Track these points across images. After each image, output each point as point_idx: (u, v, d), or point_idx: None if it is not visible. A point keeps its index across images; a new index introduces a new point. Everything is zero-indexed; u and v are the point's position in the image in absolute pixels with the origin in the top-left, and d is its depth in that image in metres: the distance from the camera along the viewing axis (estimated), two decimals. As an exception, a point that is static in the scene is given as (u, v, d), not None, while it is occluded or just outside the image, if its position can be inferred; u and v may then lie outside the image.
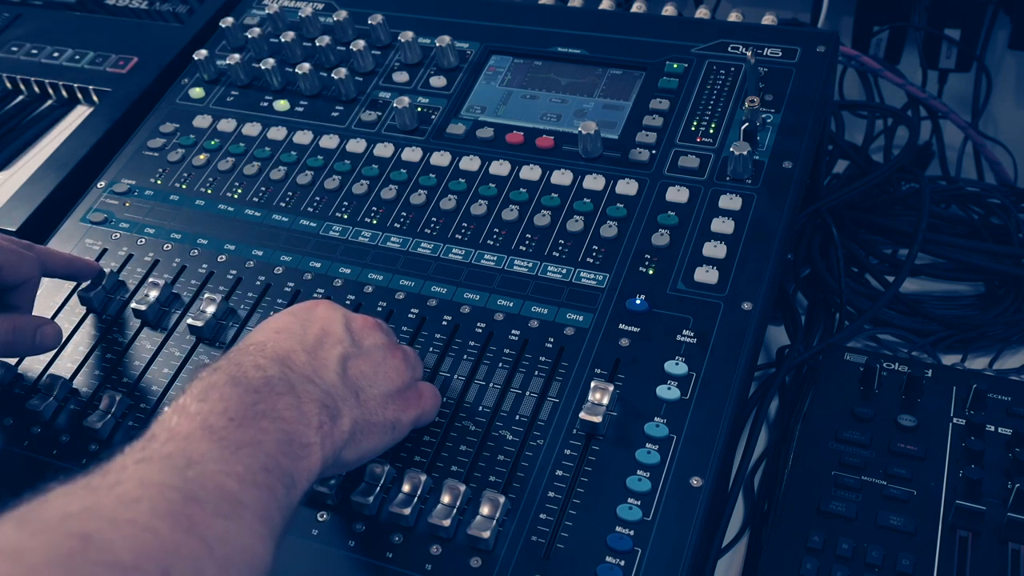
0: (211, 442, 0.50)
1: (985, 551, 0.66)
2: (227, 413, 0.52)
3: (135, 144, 0.97)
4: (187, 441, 0.50)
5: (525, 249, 0.80)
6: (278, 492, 0.51)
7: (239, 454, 0.50)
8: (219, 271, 0.84)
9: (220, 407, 0.52)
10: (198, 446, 0.50)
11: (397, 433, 0.64)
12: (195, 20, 1.13)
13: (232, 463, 0.50)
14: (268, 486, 0.50)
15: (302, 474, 0.54)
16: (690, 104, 0.87)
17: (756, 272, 0.75)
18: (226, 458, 0.50)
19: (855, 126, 1.20)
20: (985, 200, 1.06)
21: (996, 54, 1.21)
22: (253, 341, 0.60)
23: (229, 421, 0.52)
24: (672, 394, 0.69)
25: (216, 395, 0.53)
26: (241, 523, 0.48)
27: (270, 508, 0.50)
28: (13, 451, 0.75)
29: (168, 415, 0.53)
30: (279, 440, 0.53)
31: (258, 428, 0.52)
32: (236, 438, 0.51)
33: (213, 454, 0.50)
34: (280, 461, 0.52)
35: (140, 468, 0.48)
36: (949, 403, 0.76)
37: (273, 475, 0.51)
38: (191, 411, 0.52)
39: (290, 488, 0.52)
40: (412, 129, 0.91)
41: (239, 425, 0.52)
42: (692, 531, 0.63)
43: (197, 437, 0.50)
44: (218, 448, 0.50)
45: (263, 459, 0.51)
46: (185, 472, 0.48)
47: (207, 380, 0.55)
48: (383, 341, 0.65)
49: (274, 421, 0.53)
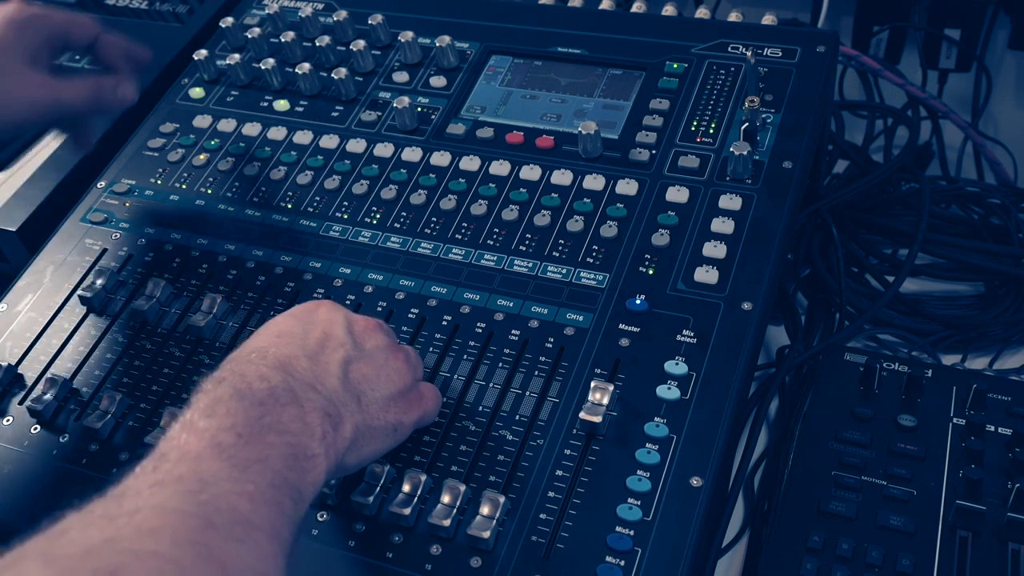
0: (221, 460, 0.51)
1: (985, 551, 0.66)
2: (235, 429, 0.52)
3: (135, 144, 0.97)
4: (198, 461, 0.50)
5: (525, 249, 0.80)
6: (286, 507, 0.51)
7: (248, 472, 0.51)
8: (219, 271, 0.84)
9: (228, 423, 0.53)
10: (209, 466, 0.50)
11: (399, 436, 0.64)
12: (195, 20, 1.13)
13: (243, 482, 0.50)
14: (277, 502, 0.51)
15: (308, 487, 0.54)
16: (690, 104, 0.87)
17: (756, 272, 0.75)
18: (236, 477, 0.50)
19: (855, 126, 1.20)
20: (985, 200, 1.06)
21: (996, 54, 1.20)
22: (255, 347, 0.60)
23: (237, 437, 0.52)
24: (672, 394, 0.69)
25: (223, 410, 0.53)
26: (255, 545, 0.48)
27: (279, 525, 0.50)
28: (13, 451, 0.75)
29: (176, 432, 0.53)
30: (285, 454, 0.53)
31: (265, 443, 0.53)
32: (245, 455, 0.51)
33: (224, 473, 0.50)
34: (287, 476, 0.52)
35: (155, 493, 0.48)
36: (949, 403, 0.76)
37: (281, 491, 0.51)
38: (199, 427, 0.52)
39: (297, 502, 0.53)
40: (412, 129, 0.91)
41: (247, 441, 0.52)
42: (692, 531, 0.63)
43: (207, 456, 0.51)
44: (228, 467, 0.50)
45: (270, 475, 0.51)
46: (199, 496, 0.48)
47: (212, 394, 0.55)
48: (385, 343, 0.65)
49: (280, 435, 0.54)
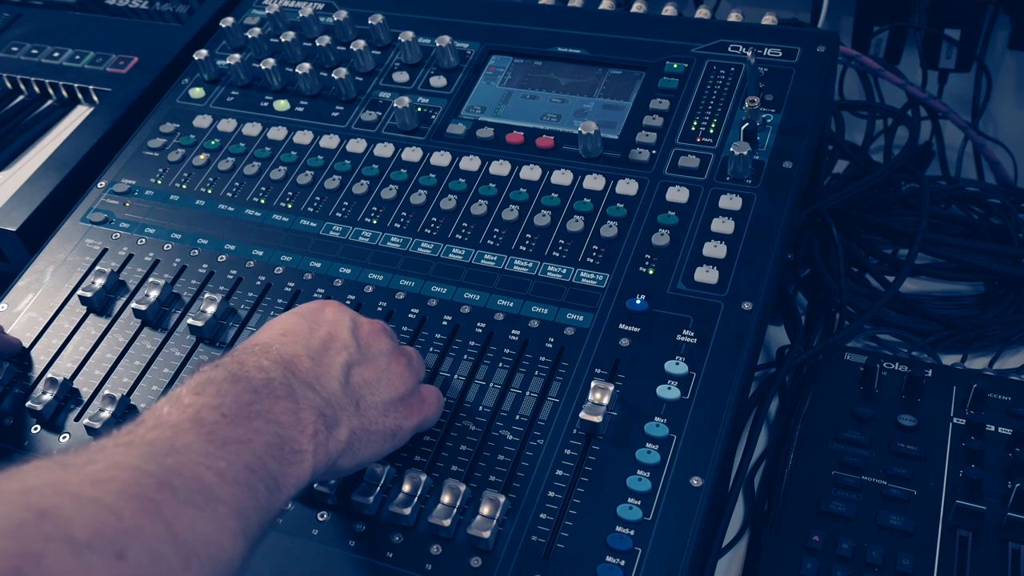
0: (198, 434, 0.50)
1: (985, 551, 0.66)
2: (220, 409, 0.52)
3: (135, 144, 0.97)
4: (174, 430, 0.50)
5: (525, 249, 0.80)
6: (259, 493, 0.50)
7: (224, 449, 0.50)
8: (219, 271, 0.84)
9: (215, 402, 0.52)
10: (184, 437, 0.49)
11: (398, 440, 0.63)
12: (195, 20, 1.13)
13: (215, 458, 0.49)
14: (249, 485, 0.50)
15: (289, 479, 0.53)
16: (690, 104, 0.87)
17: (756, 272, 0.75)
18: (210, 452, 0.49)
19: (855, 126, 1.20)
20: (985, 200, 1.06)
21: (996, 54, 1.21)
22: (259, 341, 0.60)
23: (221, 417, 0.51)
24: (672, 394, 0.69)
25: (213, 390, 0.53)
26: (213, 516, 0.47)
27: (247, 507, 0.49)
28: (13, 451, 0.75)
29: (161, 404, 0.52)
30: (269, 442, 0.52)
31: (250, 427, 0.52)
32: (225, 433, 0.51)
33: (197, 446, 0.49)
34: (267, 463, 0.52)
35: (118, 451, 0.47)
36: (949, 403, 0.77)
37: (257, 475, 0.51)
38: (184, 402, 0.52)
39: (273, 491, 0.51)
40: (412, 129, 0.91)
41: (230, 422, 0.51)
42: (692, 531, 0.63)
43: (185, 428, 0.50)
44: (204, 441, 0.50)
45: (248, 458, 0.51)
46: (164, 459, 0.47)
47: (207, 374, 0.55)
48: (388, 347, 0.65)
49: (268, 423, 0.53)
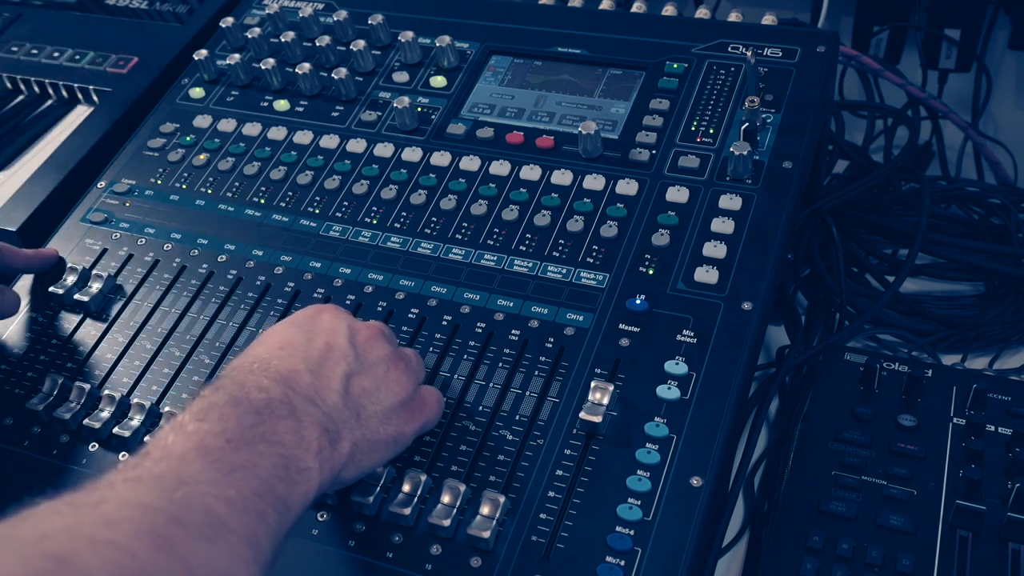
0: (204, 463, 0.49)
1: (985, 551, 0.66)
2: (224, 434, 0.51)
3: (135, 144, 0.97)
4: (180, 461, 0.49)
5: (525, 249, 0.80)
6: (269, 518, 0.50)
7: (232, 477, 0.49)
8: (219, 271, 0.84)
9: (218, 427, 0.52)
10: (190, 467, 0.49)
11: (400, 446, 0.63)
12: (195, 20, 1.13)
13: (224, 486, 0.49)
14: (259, 511, 0.50)
15: (297, 499, 0.53)
16: (690, 104, 0.87)
17: (756, 272, 0.75)
18: (218, 480, 0.49)
19: (855, 126, 1.20)
20: (985, 200, 1.06)
21: (996, 54, 1.20)
22: (256, 357, 0.59)
23: (226, 443, 0.51)
24: (672, 394, 0.69)
25: (216, 415, 0.52)
26: (226, 548, 0.47)
27: (258, 534, 0.49)
28: (13, 451, 0.75)
29: (165, 432, 0.52)
30: (275, 464, 0.52)
31: (254, 451, 0.52)
32: (230, 460, 0.50)
33: (205, 475, 0.49)
34: (275, 485, 0.51)
35: (128, 487, 0.47)
36: (949, 403, 0.76)
37: (265, 500, 0.50)
38: (188, 430, 0.51)
39: (282, 514, 0.51)
40: (412, 129, 0.91)
41: (235, 447, 0.51)
42: (692, 531, 0.63)
43: (191, 457, 0.50)
44: (211, 470, 0.49)
45: (256, 483, 0.50)
46: (173, 494, 0.47)
47: (208, 399, 0.54)
48: (387, 353, 0.64)
49: (272, 445, 0.53)
